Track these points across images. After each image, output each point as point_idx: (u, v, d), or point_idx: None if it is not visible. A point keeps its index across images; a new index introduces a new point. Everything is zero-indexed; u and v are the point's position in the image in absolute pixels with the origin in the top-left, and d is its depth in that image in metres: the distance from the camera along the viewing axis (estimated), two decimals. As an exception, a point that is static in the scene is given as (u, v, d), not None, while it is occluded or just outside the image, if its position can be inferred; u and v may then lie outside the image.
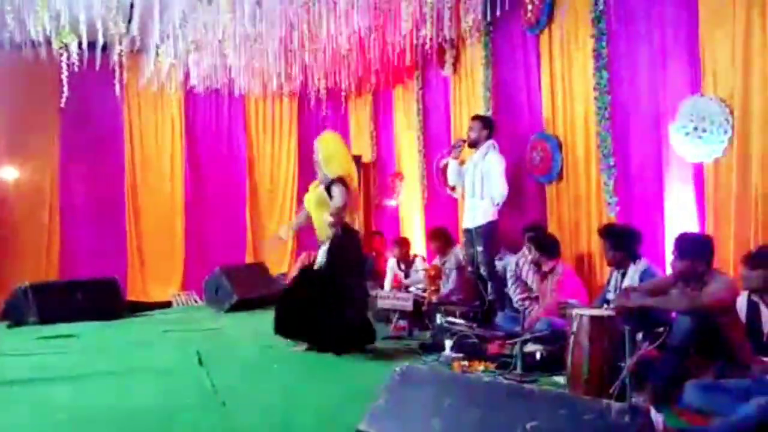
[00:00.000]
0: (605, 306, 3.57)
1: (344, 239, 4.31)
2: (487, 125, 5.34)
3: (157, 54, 6.26)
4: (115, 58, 5.59)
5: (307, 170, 7.17)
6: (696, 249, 3.17)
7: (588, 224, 4.88)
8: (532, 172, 5.48)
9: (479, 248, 5.12)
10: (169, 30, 5.71)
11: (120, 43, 5.42)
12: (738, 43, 3.62)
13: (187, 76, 6.93)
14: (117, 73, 5.70)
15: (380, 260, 7.46)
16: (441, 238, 6.15)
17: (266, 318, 4.76)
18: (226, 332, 5.69)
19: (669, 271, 3.48)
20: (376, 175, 8.73)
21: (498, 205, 5.10)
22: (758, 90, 3.54)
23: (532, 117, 5.59)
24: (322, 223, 4.38)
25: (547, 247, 4.68)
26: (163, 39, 5.88)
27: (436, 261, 6.20)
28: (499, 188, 5.07)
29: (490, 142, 5.30)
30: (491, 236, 5.16)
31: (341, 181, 4.38)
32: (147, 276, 8.08)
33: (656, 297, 3.19)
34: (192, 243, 8.34)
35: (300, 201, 4.76)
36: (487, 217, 5.14)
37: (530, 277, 4.98)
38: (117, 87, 5.78)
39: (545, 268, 4.61)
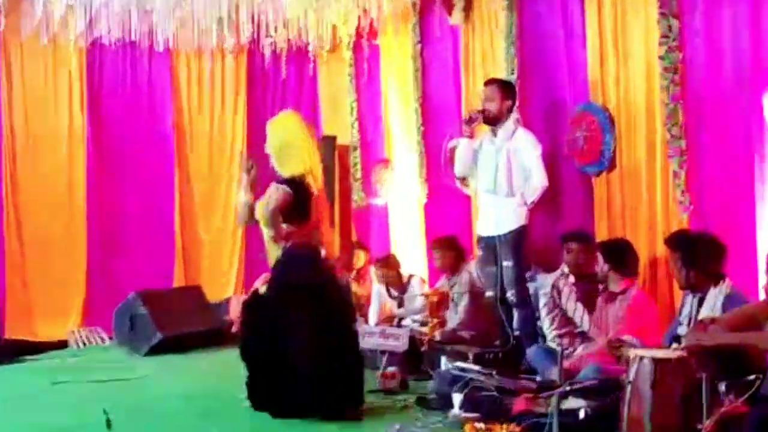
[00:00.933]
0: (674, 344, 3.62)
1: (289, 262, 4.45)
2: (509, 93, 5.38)
3: (48, -7, 6.23)
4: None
5: (260, 154, 7.27)
6: (799, 267, 3.17)
7: (651, 231, 4.89)
8: (574, 159, 5.49)
9: (507, 263, 5.18)
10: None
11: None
12: None
13: (90, 23, 6.92)
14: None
15: (363, 282, 7.58)
16: (450, 250, 6.21)
17: (202, 362, 4.77)
18: (147, 383, 5.68)
19: (762, 296, 3.46)
20: (358, 162, 8.61)
21: (532, 203, 5.18)
22: None
23: (574, 82, 5.61)
24: (269, 242, 4.55)
25: (624, 259, 4.67)
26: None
27: (442, 282, 6.28)
28: (535, 180, 5.15)
29: (516, 116, 5.35)
30: (522, 247, 5.23)
31: (292, 182, 4.47)
32: (34, 306, 8.01)
33: (745, 332, 3.15)
34: (96, 258, 8.27)
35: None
36: (518, 220, 5.19)
37: (572, 305, 4.98)
38: (-9, 38, 5.76)
39: (615, 288, 4.62)
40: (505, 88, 5.41)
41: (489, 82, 5.48)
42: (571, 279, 5.01)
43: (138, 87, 8.59)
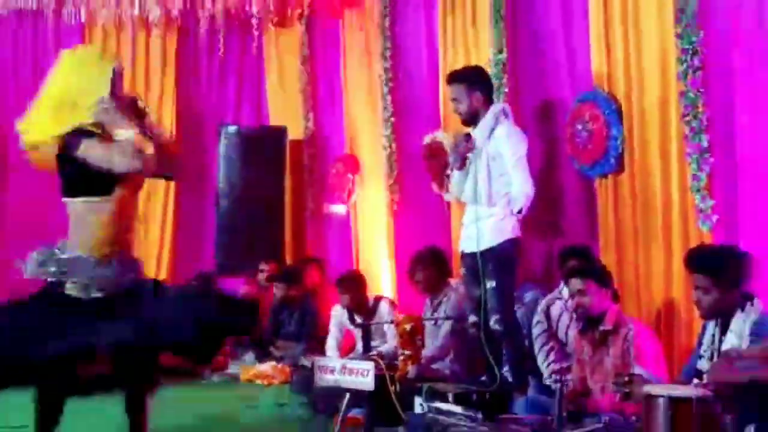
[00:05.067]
0: (695, 381, 3.65)
1: None
2: (475, 84, 5.35)
3: None
4: None
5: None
6: None
7: (666, 247, 4.90)
8: (574, 158, 5.54)
9: (489, 284, 5.19)
10: None
11: None
12: None
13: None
14: None
15: (319, 303, 7.67)
16: (431, 264, 6.25)
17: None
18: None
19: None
20: (314, 161, 8.69)
21: (520, 213, 5.20)
22: None
23: (574, 63, 5.65)
24: None
25: (600, 268, 4.84)
26: None
27: (427, 308, 6.32)
28: (516, 188, 5.18)
29: (499, 108, 5.34)
30: (509, 266, 5.26)
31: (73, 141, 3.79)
32: None
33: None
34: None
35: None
36: (502, 233, 5.22)
37: (571, 333, 5.07)
38: None
39: (605, 324, 4.61)
40: (469, 79, 5.38)
41: (450, 80, 5.48)
42: (572, 303, 4.95)
43: (40, 67, 8.08)
